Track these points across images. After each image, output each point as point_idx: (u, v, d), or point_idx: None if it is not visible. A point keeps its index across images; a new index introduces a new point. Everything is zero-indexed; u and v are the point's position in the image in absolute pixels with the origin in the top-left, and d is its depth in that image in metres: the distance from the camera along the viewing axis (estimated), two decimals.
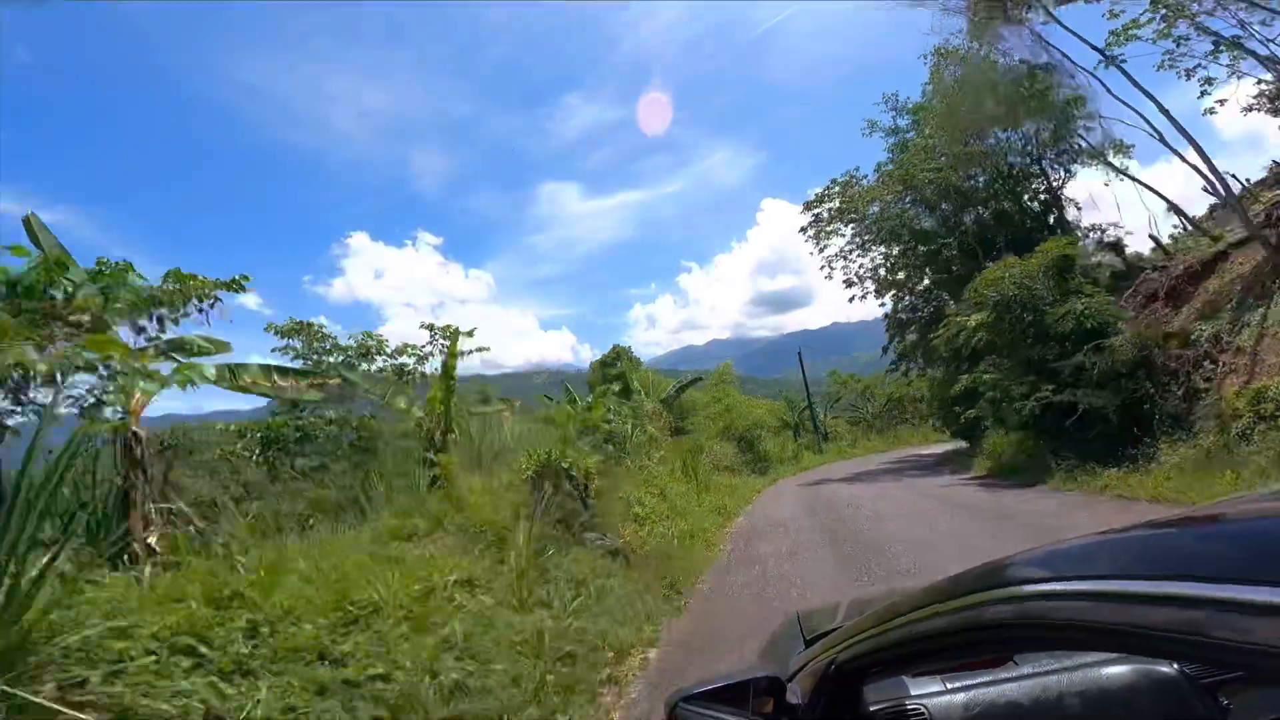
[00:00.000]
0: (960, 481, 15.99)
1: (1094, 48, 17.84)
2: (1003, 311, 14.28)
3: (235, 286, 6.39)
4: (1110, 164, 22.38)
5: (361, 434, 8.31)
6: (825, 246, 27.20)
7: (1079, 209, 25.38)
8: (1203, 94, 15.68)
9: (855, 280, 27.46)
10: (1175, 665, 1.22)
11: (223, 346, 6.58)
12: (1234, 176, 19.09)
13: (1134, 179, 21.54)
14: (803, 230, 26.99)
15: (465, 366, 10.80)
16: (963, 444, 25.74)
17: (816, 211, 26.70)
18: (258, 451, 7.93)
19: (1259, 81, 15.46)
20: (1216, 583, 0.58)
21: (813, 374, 39.65)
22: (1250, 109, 15.87)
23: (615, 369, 29.09)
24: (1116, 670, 1.27)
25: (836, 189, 26.62)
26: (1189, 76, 15.94)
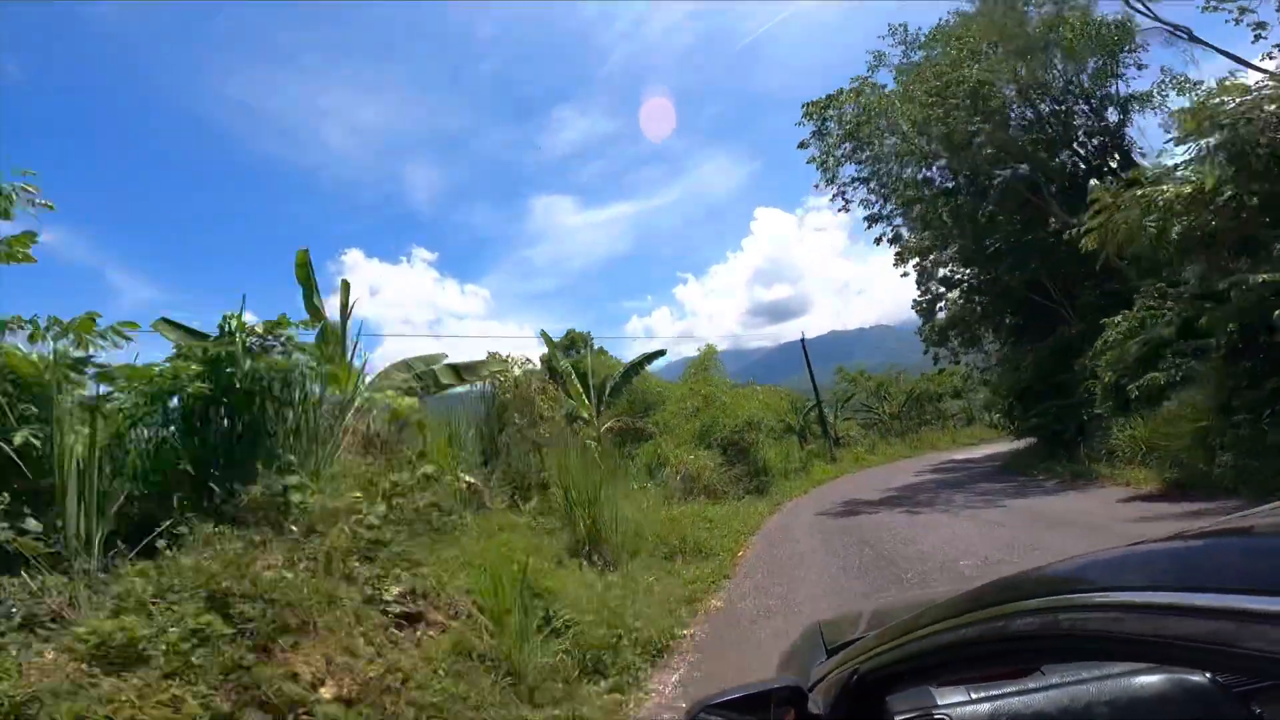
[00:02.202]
0: (1148, 510, 8.31)
1: None
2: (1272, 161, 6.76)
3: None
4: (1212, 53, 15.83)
5: None
6: (834, 175, 19.95)
7: (1143, 155, 18.65)
8: (1256, 38, 13.09)
9: (881, 217, 20.28)
10: (1207, 674, 1.17)
11: None
12: None
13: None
14: (802, 146, 19.70)
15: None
16: (1017, 444, 20.03)
17: (821, 120, 19.39)
18: None
19: None
20: (1247, 594, 0.57)
21: (817, 370, 32.56)
22: None
23: (564, 360, 21.58)
24: (1147, 680, 1.23)
25: (848, 96, 19.37)
26: (1238, 21, 13.09)
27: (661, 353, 15.71)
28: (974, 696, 1.32)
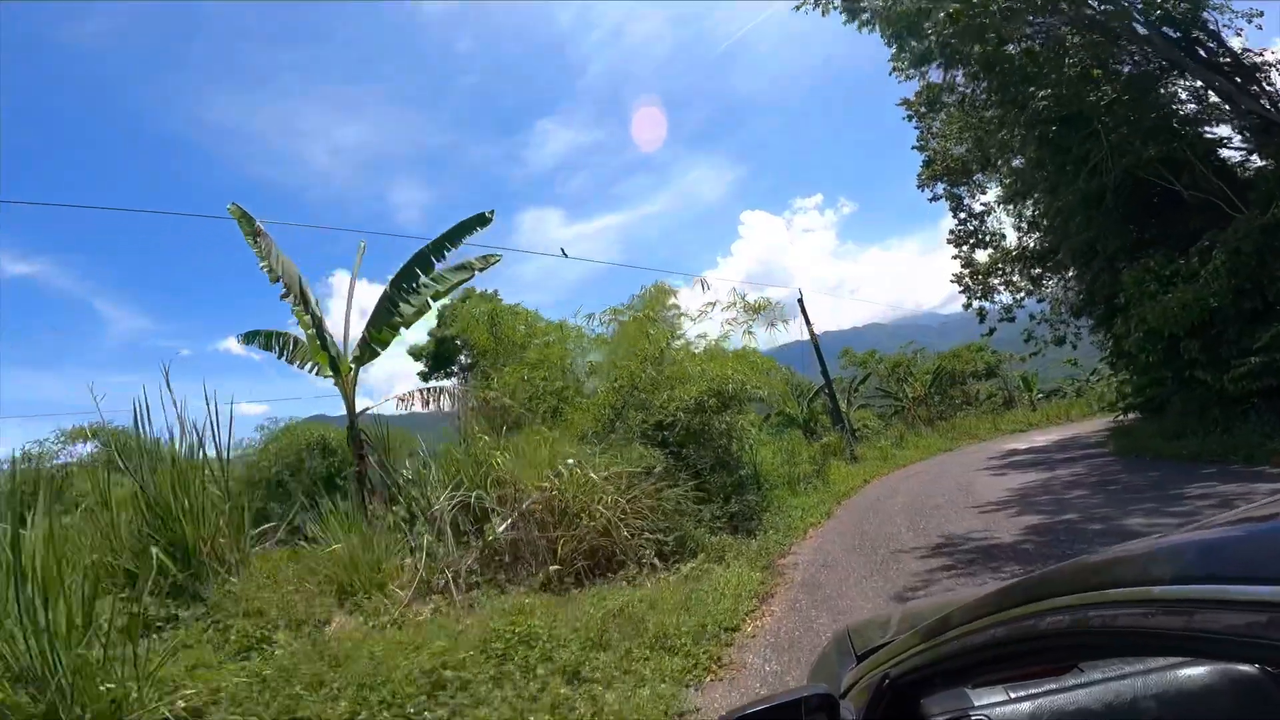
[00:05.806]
0: None
1: None
2: None
3: None
4: None
5: None
6: None
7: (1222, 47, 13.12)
8: None
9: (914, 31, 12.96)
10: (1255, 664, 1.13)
11: None
12: None
13: None
14: None
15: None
16: (1106, 421, 16.55)
17: None
18: None
19: None
20: (1275, 584, 0.55)
21: (814, 374, 25.38)
22: None
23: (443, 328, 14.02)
24: (1192, 672, 1.16)
25: None
26: None
27: (485, 219, 7.93)
28: (1012, 696, 1.26)
